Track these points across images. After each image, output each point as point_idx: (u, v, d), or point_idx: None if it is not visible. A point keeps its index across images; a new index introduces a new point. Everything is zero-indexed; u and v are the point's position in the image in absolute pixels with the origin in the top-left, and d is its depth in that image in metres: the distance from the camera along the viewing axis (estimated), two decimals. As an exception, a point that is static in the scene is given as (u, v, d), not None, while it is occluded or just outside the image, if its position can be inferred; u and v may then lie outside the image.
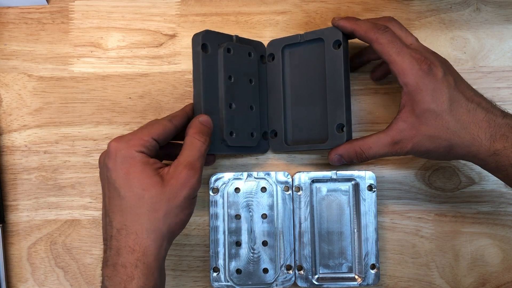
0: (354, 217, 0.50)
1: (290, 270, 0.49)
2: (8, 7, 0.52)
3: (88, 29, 0.52)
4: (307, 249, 0.49)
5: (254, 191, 0.50)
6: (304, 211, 0.49)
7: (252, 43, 0.49)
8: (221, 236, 0.49)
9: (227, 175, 0.49)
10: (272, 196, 0.49)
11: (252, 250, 0.49)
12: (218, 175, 0.49)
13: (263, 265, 0.49)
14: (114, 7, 0.52)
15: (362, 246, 0.49)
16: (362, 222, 0.49)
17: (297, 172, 0.50)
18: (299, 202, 0.49)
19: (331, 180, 0.50)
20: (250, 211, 0.49)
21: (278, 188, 0.49)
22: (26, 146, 0.51)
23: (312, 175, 0.49)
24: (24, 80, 0.51)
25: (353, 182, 0.50)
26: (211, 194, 0.49)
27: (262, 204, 0.49)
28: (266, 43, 0.50)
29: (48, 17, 0.52)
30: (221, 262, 0.49)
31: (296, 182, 0.49)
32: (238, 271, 0.49)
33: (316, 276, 0.49)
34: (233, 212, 0.49)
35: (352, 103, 0.48)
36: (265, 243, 0.49)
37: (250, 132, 0.48)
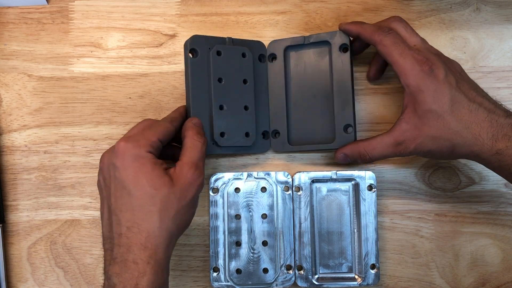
0: (354, 217, 0.50)
1: (290, 270, 0.49)
2: (8, 7, 0.52)
3: (88, 29, 0.52)
4: (307, 249, 0.49)
5: (254, 191, 0.50)
6: (304, 211, 0.49)
7: (249, 43, 0.49)
8: (221, 236, 0.49)
9: (227, 175, 0.49)
10: (272, 196, 0.49)
11: (252, 250, 0.49)
12: (218, 175, 0.49)
13: (263, 265, 0.49)
14: (114, 7, 0.52)
15: (362, 246, 0.49)
16: (362, 222, 0.49)
17: (297, 172, 0.50)
18: (299, 202, 0.49)
19: (331, 180, 0.50)
20: (250, 211, 0.49)
21: (278, 188, 0.49)
22: (26, 146, 0.51)
23: (312, 175, 0.49)
24: (24, 80, 0.51)
25: (353, 182, 0.50)
26: (211, 194, 0.49)
27: (262, 204, 0.49)
28: (266, 43, 0.50)
29: (48, 17, 0.52)
30: (221, 262, 0.49)
31: (296, 182, 0.49)
32: (238, 271, 0.49)
33: (316, 276, 0.49)
34: (233, 212, 0.49)
35: (352, 103, 0.48)
36: (265, 243, 0.49)
37: (244, 132, 0.48)
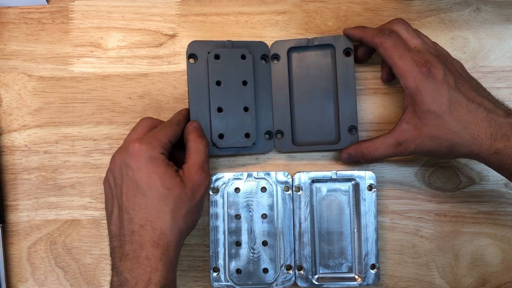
0: (354, 217, 0.50)
1: (290, 270, 0.49)
2: (8, 7, 0.52)
3: (88, 29, 0.52)
4: (307, 249, 0.49)
5: (254, 191, 0.50)
6: (304, 211, 0.49)
7: (250, 44, 0.49)
8: (221, 236, 0.49)
9: (227, 175, 0.49)
10: (272, 196, 0.49)
11: (252, 250, 0.49)
12: (218, 175, 0.49)
13: (263, 265, 0.49)
14: (114, 7, 0.52)
15: (362, 246, 0.49)
16: (362, 222, 0.49)
17: (297, 172, 0.50)
18: (299, 202, 0.49)
19: (331, 180, 0.50)
20: (250, 211, 0.49)
21: (278, 188, 0.49)
22: (26, 146, 0.51)
23: (312, 175, 0.49)
24: (24, 80, 0.51)
25: (353, 182, 0.50)
26: (211, 194, 0.49)
27: (262, 204, 0.49)
28: (267, 43, 0.50)
29: (48, 17, 0.52)
30: (221, 262, 0.49)
31: (296, 182, 0.49)
32: (238, 271, 0.49)
33: (316, 276, 0.49)
34: (233, 212, 0.49)
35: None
36: (265, 243, 0.49)
37: (244, 133, 0.48)
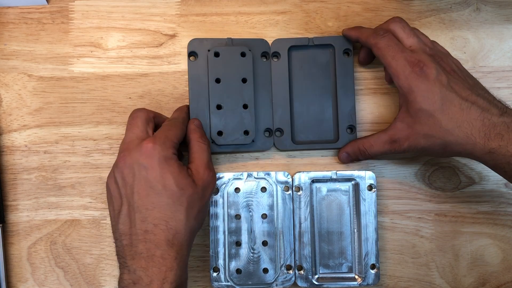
0: (354, 217, 0.50)
1: (290, 270, 0.49)
2: (8, 7, 0.52)
3: (88, 29, 0.52)
4: (307, 249, 0.49)
5: (254, 191, 0.50)
6: (304, 211, 0.49)
7: (251, 42, 0.49)
8: (221, 236, 0.49)
9: (227, 175, 0.49)
10: (272, 196, 0.49)
11: (252, 250, 0.49)
12: (218, 175, 0.49)
13: (263, 265, 0.49)
14: (114, 7, 0.52)
15: (362, 246, 0.49)
16: (362, 222, 0.49)
17: (297, 172, 0.50)
18: (299, 202, 0.49)
19: (331, 180, 0.50)
20: (250, 211, 0.49)
21: (278, 188, 0.49)
22: (26, 146, 0.51)
23: (312, 175, 0.49)
24: (24, 80, 0.51)
25: (353, 182, 0.50)
26: (211, 194, 0.49)
27: (262, 204, 0.49)
28: (267, 41, 0.50)
29: (48, 17, 0.52)
30: (221, 262, 0.49)
31: (296, 182, 0.49)
32: (238, 271, 0.49)
33: (316, 276, 0.49)
34: (233, 212, 0.49)
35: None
36: (265, 243, 0.49)
37: (243, 130, 0.48)
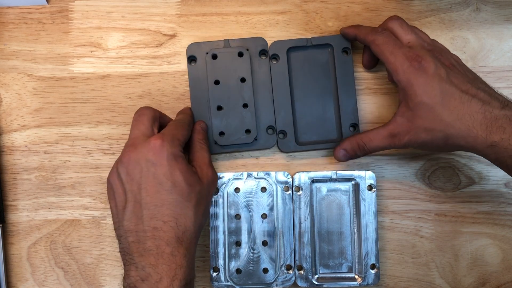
0: (354, 217, 0.50)
1: (290, 270, 0.49)
2: (8, 7, 0.52)
3: (88, 29, 0.52)
4: (307, 249, 0.49)
5: (254, 191, 0.50)
6: (304, 211, 0.49)
7: (248, 41, 0.50)
8: (221, 236, 0.49)
9: (227, 175, 0.49)
10: (272, 196, 0.49)
11: (252, 250, 0.49)
12: (218, 175, 0.49)
13: (263, 265, 0.49)
14: (114, 7, 0.52)
15: (362, 246, 0.49)
16: (362, 222, 0.49)
17: (297, 172, 0.50)
18: (299, 202, 0.49)
19: (331, 180, 0.50)
20: (250, 211, 0.49)
21: (278, 188, 0.49)
22: (26, 146, 0.51)
23: (312, 175, 0.49)
24: (24, 80, 0.51)
25: (353, 182, 0.50)
26: (211, 194, 0.49)
27: (262, 204, 0.49)
28: (264, 38, 0.50)
29: (48, 17, 0.52)
30: (221, 262, 0.49)
31: (296, 182, 0.49)
32: (238, 271, 0.49)
33: (316, 276, 0.49)
34: (233, 212, 0.49)
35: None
36: (265, 243, 0.49)
37: (244, 129, 0.49)
